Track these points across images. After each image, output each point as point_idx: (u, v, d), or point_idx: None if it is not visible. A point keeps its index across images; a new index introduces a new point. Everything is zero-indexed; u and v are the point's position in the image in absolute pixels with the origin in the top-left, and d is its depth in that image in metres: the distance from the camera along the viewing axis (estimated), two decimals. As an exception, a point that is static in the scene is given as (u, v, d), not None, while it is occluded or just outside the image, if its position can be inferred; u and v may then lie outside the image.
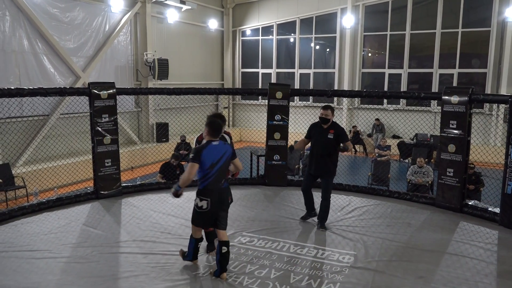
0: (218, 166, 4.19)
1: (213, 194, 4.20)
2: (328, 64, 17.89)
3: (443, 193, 6.49)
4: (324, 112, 5.44)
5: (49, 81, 11.37)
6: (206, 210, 4.20)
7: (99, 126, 6.77)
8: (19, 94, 6.20)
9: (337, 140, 5.43)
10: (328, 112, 5.42)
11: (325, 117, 5.43)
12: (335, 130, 5.45)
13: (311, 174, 5.65)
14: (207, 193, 4.19)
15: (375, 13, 16.47)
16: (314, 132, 5.59)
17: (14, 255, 4.76)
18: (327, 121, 5.45)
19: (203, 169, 4.14)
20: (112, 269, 4.48)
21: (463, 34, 15.01)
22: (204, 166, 4.12)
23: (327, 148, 5.44)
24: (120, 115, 12.20)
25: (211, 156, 4.14)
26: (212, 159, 4.14)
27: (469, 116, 6.22)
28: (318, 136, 5.51)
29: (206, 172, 4.15)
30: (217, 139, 4.27)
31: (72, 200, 6.68)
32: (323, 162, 5.45)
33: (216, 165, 4.17)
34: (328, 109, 5.44)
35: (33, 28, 11.01)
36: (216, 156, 4.18)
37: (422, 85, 16.08)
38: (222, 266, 4.25)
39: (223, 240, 4.25)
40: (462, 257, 4.80)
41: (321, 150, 5.45)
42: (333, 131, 5.42)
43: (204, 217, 4.26)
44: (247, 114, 18.68)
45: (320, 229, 5.49)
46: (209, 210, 4.20)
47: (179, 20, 15.87)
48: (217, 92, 9.69)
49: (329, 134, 5.41)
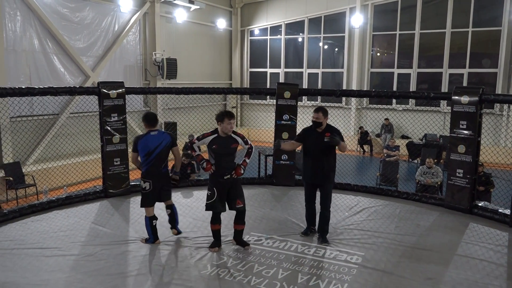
0: (155, 153, 4.85)
1: (153, 177, 4.89)
2: (336, 64, 17.83)
3: (452, 194, 6.44)
4: (315, 115, 5.08)
5: (59, 81, 11.48)
6: (149, 190, 4.92)
7: (108, 125, 6.82)
8: (30, 93, 6.27)
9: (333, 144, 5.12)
10: (319, 115, 5.05)
11: (317, 120, 5.06)
12: (331, 132, 5.08)
13: (309, 184, 5.28)
14: (148, 176, 4.90)
15: (384, 13, 16.38)
16: (308, 138, 5.20)
17: (24, 253, 4.81)
18: (319, 125, 5.09)
19: (141, 156, 4.88)
20: (120, 267, 4.51)
21: (474, 34, 14.86)
22: (141, 154, 4.86)
23: (324, 152, 5.08)
24: (129, 114, 12.20)
25: (148, 145, 4.83)
26: (148, 148, 4.82)
27: (479, 116, 6.16)
28: (314, 141, 5.12)
29: (144, 159, 4.86)
30: (155, 129, 4.91)
31: (81, 199, 6.74)
32: (321, 169, 5.09)
33: (153, 152, 4.83)
34: (319, 112, 5.06)
35: (44, 28, 11.11)
36: (153, 145, 4.84)
37: (431, 85, 15.96)
38: (172, 222, 5.16)
39: (169, 204, 5.16)
40: (472, 259, 4.76)
41: (318, 156, 5.09)
42: (329, 134, 5.04)
43: (149, 196, 4.96)
44: (255, 114, 18.67)
45: (323, 243, 5.09)
46: (151, 190, 4.92)
47: (188, 19, 15.91)
48: (225, 91, 9.70)
49: (325, 137, 5.03)
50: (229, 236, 5.17)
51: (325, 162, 5.12)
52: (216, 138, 4.74)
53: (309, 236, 5.30)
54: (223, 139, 4.74)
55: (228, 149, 4.76)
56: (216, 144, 4.72)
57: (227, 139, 4.75)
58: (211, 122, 16.46)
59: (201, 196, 7.01)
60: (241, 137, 4.86)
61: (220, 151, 4.74)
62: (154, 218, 5.04)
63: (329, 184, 5.19)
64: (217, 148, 4.73)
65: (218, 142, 4.73)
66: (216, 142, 4.72)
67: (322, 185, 5.19)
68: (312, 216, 5.40)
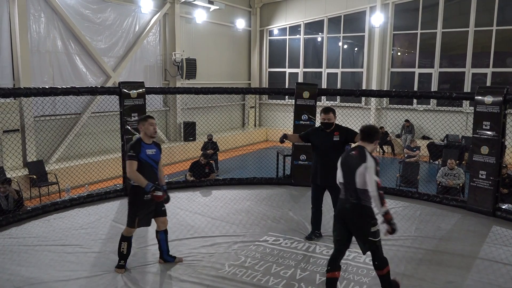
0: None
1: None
2: (356, 64, 17.66)
3: (475, 196, 6.31)
4: (325, 116, 5.02)
5: (81, 81, 11.69)
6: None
7: (129, 125, 6.91)
8: (53, 93, 6.41)
9: (345, 141, 5.07)
10: (330, 115, 5.00)
11: (328, 121, 5.01)
12: (341, 131, 5.05)
13: (318, 186, 5.18)
14: None
15: (405, 11, 16.14)
16: (317, 139, 5.14)
17: (47, 249, 4.92)
18: (330, 126, 5.05)
19: None
20: (139, 264, 4.56)
21: (498, 32, 14.51)
22: None
23: (335, 152, 4.84)
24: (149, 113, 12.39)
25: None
26: None
27: (503, 117, 6.02)
28: (323, 141, 5.06)
29: None
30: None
31: (102, 197, 6.86)
32: (332, 169, 4.84)
33: None
34: (329, 112, 5.01)
35: (67, 29, 11.34)
36: None
37: (453, 84, 15.64)
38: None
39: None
40: (495, 263, 4.65)
41: (328, 156, 4.96)
42: (338, 133, 5.02)
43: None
44: (274, 114, 18.65)
45: None
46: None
47: (207, 20, 16.00)
48: (244, 91, 9.73)
49: (335, 136, 5.01)
50: (245, 236, 5.17)
51: (335, 163, 5.05)
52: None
53: (314, 240, 5.21)
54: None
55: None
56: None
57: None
58: (229, 122, 16.56)
59: (220, 196, 7.05)
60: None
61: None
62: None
63: None
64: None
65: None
66: None
67: (332, 187, 5.04)
68: (318, 220, 5.31)
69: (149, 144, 4.35)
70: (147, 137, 4.35)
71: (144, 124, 4.34)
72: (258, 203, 6.46)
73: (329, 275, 3.78)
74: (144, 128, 4.33)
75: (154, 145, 4.40)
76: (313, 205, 5.28)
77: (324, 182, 5.11)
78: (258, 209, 6.26)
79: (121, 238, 4.43)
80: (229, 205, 6.56)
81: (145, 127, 4.33)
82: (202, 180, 8.01)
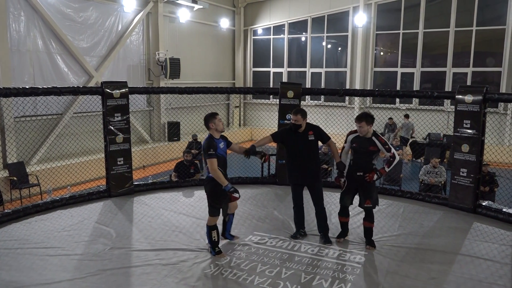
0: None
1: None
2: (339, 63, 17.80)
3: (456, 193, 6.41)
4: (294, 117, 5.02)
5: (62, 81, 11.52)
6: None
7: (112, 125, 6.83)
8: (34, 93, 6.29)
9: (318, 140, 5.15)
10: (298, 117, 4.99)
11: (296, 122, 5.01)
12: (314, 130, 5.09)
13: (298, 185, 5.20)
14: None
15: (387, 12, 16.34)
16: (290, 139, 5.14)
17: (29, 252, 4.83)
18: (299, 127, 5.04)
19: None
20: (124, 266, 4.51)
21: (478, 32, 14.80)
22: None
23: (310, 151, 5.09)
24: (132, 114, 12.28)
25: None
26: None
27: (483, 115, 6.13)
28: (297, 141, 5.08)
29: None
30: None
31: (85, 198, 6.76)
32: (309, 167, 5.07)
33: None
34: (298, 114, 5.01)
35: (47, 28, 11.15)
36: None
37: (435, 84, 15.90)
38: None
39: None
40: (476, 258, 4.74)
41: (305, 156, 5.06)
42: (312, 132, 5.06)
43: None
44: (258, 113, 18.67)
45: (326, 243, 5.07)
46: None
47: (191, 19, 15.93)
48: (229, 91, 9.69)
49: (309, 136, 5.05)
50: (241, 237, 5.17)
51: (312, 162, 5.13)
52: (355, 138, 5.01)
53: (299, 239, 5.23)
54: (361, 139, 4.96)
55: (366, 149, 4.94)
56: (356, 143, 4.98)
57: (365, 140, 4.94)
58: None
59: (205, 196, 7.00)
60: (382, 142, 4.98)
61: (358, 149, 4.97)
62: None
63: (319, 183, 5.19)
64: (356, 146, 4.98)
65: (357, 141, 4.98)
66: (355, 141, 4.99)
67: (312, 185, 5.17)
68: (301, 219, 5.33)
69: (219, 139, 4.68)
70: (217, 133, 4.66)
71: (214, 121, 4.63)
72: (243, 203, 6.46)
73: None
74: (215, 125, 4.63)
75: (222, 139, 4.74)
76: (294, 204, 5.30)
77: (302, 181, 5.17)
78: (243, 209, 6.26)
79: (209, 229, 4.70)
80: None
81: (216, 123, 4.63)
82: (187, 180, 7.97)
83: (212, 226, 4.69)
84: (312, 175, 5.14)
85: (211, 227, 4.69)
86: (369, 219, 5.06)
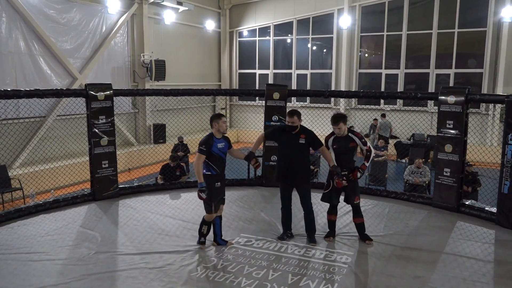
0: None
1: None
2: (325, 65, 17.92)
3: (440, 193, 6.50)
4: (290, 119, 5.08)
5: (45, 83, 11.35)
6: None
7: (96, 128, 6.75)
8: (16, 96, 6.18)
9: (309, 145, 5.18)
10: (294, 119, 5.05)
11: (292, 124, 5.08)
12: (306, 134, 5.12)
13: (286, 185, 5.23)
14: None
15: (371, 14, 16.52)
16: (282, 139, 5.21)
17: (11, 258, 4.74)
18: (295, 128, 5.12)
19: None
20: (109, 270, 4.46)
21: (460, 34, 15.07)
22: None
23: (300, 153, 5.12)
24: (117, 116, 12.17)
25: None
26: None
27: (465, 116, 6.23)
28: (289, 142, 5.13)
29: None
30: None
31: (69, 202, 6.66)
32: (298, 169, 5.12)
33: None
34: (294, 116, 5.07)
35: (30, 29, 10.98)
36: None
37: (418, 85, 16.13)
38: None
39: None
40: (460, 257, 4.81)
41: (295, 157, 5.10)
42: (304, 136, 5.10)
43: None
44: (245, 115, 18.68)
45: (311, 243, 5.12)
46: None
47: (176, 21, 15.86)
48: (214, 93, 9.68)
49: (301, 139, 5.08)
50: (228, 238, 5.15)
51: (301, 164, 5.16)
52: (334, 139, 5.15)
53: (286, 240, 5.23)
54: (340, 139, 5.11)
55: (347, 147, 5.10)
56: (336, 144, 5.12)
57: (343, 139, 5.10)
58: (200, 124, 16.46)
59: (191, 198, 6.98)
60: (359, 137, 5.13)
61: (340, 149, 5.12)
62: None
63: (307, 185, 5.23)
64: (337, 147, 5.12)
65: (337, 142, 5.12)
66: (336, 142, 5.14)
67: (300, 186, 5.20)
68: (289, 220, 5.36)
69: (219, 139, 4.90)
70: (219, 133, 4.89)
71: (218, 122, 4.86)
72: (229, 205, 6.44)
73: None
74: (218, 126, 4.86)
75: (223, 139, 4.95)
76: (282, 204, 5.32)
77: (291, 181, 5.20)
78: (230, 211, 6.24)
79: (203, 222, 4.96)
80: (201, 208, 6.44)
81: (219, 124, 4.86)
82: (173, 182, 7.92)
83: (206, 221, 4.95)
84: (301, 177, 5.17)
85: (204, 221, 4.96)
86: (359, 215, 5.24)
